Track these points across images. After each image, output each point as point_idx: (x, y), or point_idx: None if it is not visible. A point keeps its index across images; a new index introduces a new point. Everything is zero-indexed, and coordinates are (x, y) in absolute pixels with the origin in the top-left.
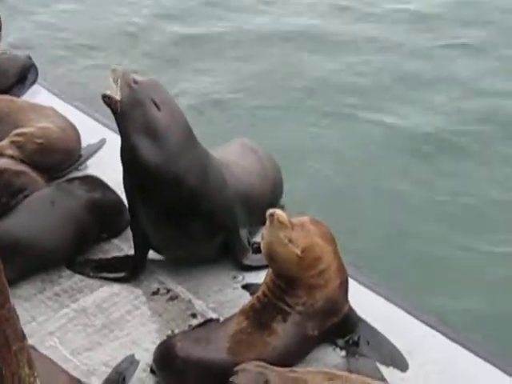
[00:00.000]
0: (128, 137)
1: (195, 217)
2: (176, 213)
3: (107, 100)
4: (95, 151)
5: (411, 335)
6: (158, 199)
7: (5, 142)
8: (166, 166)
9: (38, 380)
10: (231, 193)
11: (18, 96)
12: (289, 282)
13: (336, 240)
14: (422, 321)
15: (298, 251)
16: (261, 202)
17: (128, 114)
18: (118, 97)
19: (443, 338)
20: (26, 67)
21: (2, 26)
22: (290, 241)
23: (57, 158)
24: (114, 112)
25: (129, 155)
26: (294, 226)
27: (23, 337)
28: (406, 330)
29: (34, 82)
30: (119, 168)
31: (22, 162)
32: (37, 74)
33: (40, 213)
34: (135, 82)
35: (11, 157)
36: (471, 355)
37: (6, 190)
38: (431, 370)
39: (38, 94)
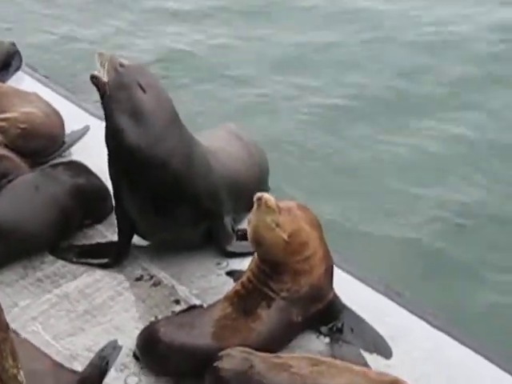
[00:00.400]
0: (113, 119)
1: (180, 202)
2: (160, 197)
3: (95, 81)
4: (79, 138)
5: (395, 323)
6: (142, 183)
7: None
8: (151, 149)
9: (21, 372)
10: (216, 178)
11: (3, 82)
12: (274, 267)
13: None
14: (407, 308)
15: (285, 236)
16: (246, 189)
17: (114, 96)
18: (105, 79)
19: (427, 326)
20: (10, 53)
21: None
22: (278, 225)
23: (40, 143)
24: (102, 94)
25: (113, 137)
26: (281, 211)
27: (7, 327)
28: (390, 317)
29: (18, 69)
30: (104, 154)
31: (6, 146)
32: (21, 60)
33: (23, 197)
34: (121, 65)
35: None
36: (456, 343)
37: None
38: (416, 356)
39: (22, 81)
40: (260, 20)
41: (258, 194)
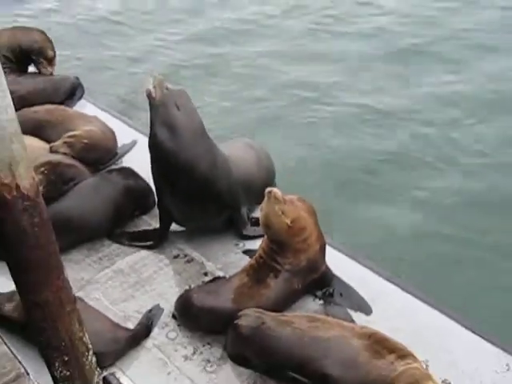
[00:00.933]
0: (154, 127)
1: (206, 197)
2: (191, 194)
3: (148, 95)
4: (128, 149)
5: (374, 288)
6: (176, 183)
7: (59, 142)
8: (180, 154)
9: (86, 335)
10: (234, 179)
11: (69, 106)
12: (280, 246)
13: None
14: (383, 277)
15: (288, 221)
16: (257, 187)
17: (157, 111)
18: (153, 95)
19: (399, 290)
20: (74, 86)
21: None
22: (283, 213)
23: (99, 154)
24: (151, 107)
25: (154, 145)
26: (285, 202)
27: (74, 300)
28: (370, 284)
29: (80, 97)
30: (147, 162)
31: (73, 157)
32: (83, 91)
33: (87, 196)
34: (167, 88)
35: (64, 153)
36: (421, 303)
37: (61, 178)
38: (390, 314)
39: (84, 106)
40: None
41: (269, 189)
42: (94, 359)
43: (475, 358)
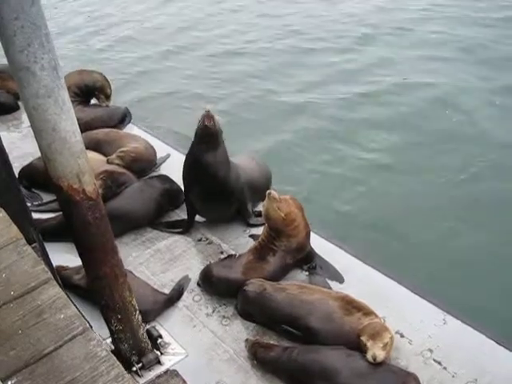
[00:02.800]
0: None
1: (222, 195)
2: (212, 193)
3: (206, 121)
4: (164, 160)
5: (345, 263)
6: (202, 184)
7: (114, 156)
8: (211, 164)
9: (134, 299)
10: (242, 182)
11: (121, 129)
12: (276, 233)
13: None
14: (350, 253)
15: (283, 215)
16: (258, 188)
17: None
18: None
19: (362, 264)
20: (124, 113)
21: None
22: (279, 208)
23: (143, 165)
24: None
25: (196, 154)
26: (281, 200)
27: (125, 274)
28: (341, 259)
29: (129, 122)
30: (178, 172)
31: (124, 167)
32: (131, 117)
33: (134, 196)
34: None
35: (117, 164)
36: (379, 274)
37: (115, 182)
38: (356, 282)
39: (131, 129)
40: None
41: (269, 191)
42: (139, 317)
43: (420, 314)
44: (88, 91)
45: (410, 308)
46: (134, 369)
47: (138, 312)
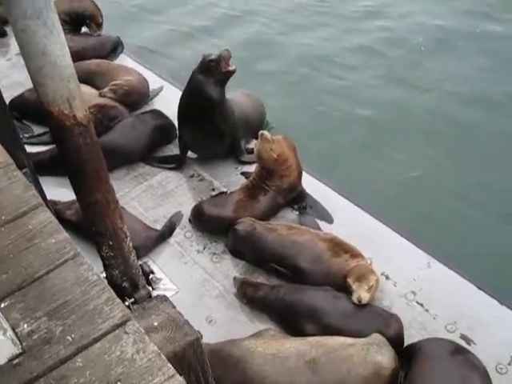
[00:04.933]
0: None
1: (216, 130)
2: (206, 127)
3: (217, 60)
4: (157, 93)
5: (335, 203)
6: (197, 118)
7: (106, 89)
8: (207, 96)
9: (125, 226)
10: (236, 117)
11: (112, 60)
12: (268, 172)
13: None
14: (342, 195)
15: (275, 155)
16: (252, 124)
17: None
18: (231, 67)
19: (351, 205)
20: (116, 43)
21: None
22: (271, 149)
23: (135, 98)
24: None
25: (195, 86)
26: (273, 141)
27: (117, 201)
28: (331, 200)
29: (121, 52)
30: (171, 105)
31: (116, 100)
32: (123, 47)
33: (127, 131)
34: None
35: (110, 98)
36: (367, 215)
37: (106, 116)
38: (345, 222)
39: (124, 60)
40: None
41: (261, 132)
42: (130, 244)
43: (405, 257)
44: (78, 19)
45: (396, 251)
46: (127, 303)
47: (128, 239)
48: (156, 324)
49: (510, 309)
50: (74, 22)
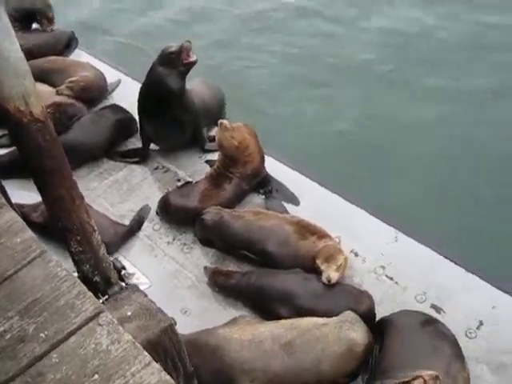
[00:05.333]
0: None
1: (177, 121)
2: (167, 119)
3: (178, 51)
4: (116, 87)
5: (301, 185)
6: (158, 111)
7: (63, 87)
8: (172, 89)
9: (92, 220)
10: (196, 107)
11: (67, 56)
12: (231, 160)
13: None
14: (308, 177)
15: (236, 143)
16: (212, 112)
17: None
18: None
19: (318, 186)
20: (70, 38)
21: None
22: (232, 137)
23: (93, 94)
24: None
25: (157, 80)
26: (233, 129)
27: (82, 196)
28: (298, 182)
29: (75, 47)
30: (130, 98)
31: (73, 97)
32: (77, 42)
33: (87, 128)
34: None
35: (67, 95)
36: (333, 194)
37: (65, 115)
38: (312, 204)
39: (79, 55)
40: None
41: (220, 120)
42: (99, 237)
43: (373, 233)
44: (28, 15)
45: (363, 227)
46: (101, 301)
47: (97, 233)
48: (129, 314)
49: (477, 276)
50: (24, 18)
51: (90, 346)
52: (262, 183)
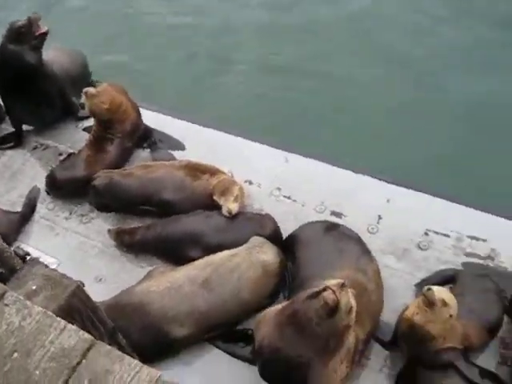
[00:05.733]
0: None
1: (44, 96)
2: (33, 96)
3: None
4: None
5: (184, 128)
6: (22, 90)
7: None
8: (31, 64)
9: None
10: (59, 76)
11: None
12: (107, 122)
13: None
14: (188, 120)
15: (106, 106)
16: (77, 78)
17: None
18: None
19: (203, 128)
20: None
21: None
22: (101, 102)
23: None
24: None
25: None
26: (99, 93)
27: None
28: (180, 126)
29: None
30: None
31: None
32: None
33: None
34: None
35: None
36: (222, 133)
37: None
38: (198, 145)
39: None
40: None
41: (84, 89)
42: None
43: (263, 158)
44: None
45: (253, 156)
46: None
47: None
48: (34, 288)
49: (369, 175)
50: None
51: (2, 327)
52: (144, 137)
